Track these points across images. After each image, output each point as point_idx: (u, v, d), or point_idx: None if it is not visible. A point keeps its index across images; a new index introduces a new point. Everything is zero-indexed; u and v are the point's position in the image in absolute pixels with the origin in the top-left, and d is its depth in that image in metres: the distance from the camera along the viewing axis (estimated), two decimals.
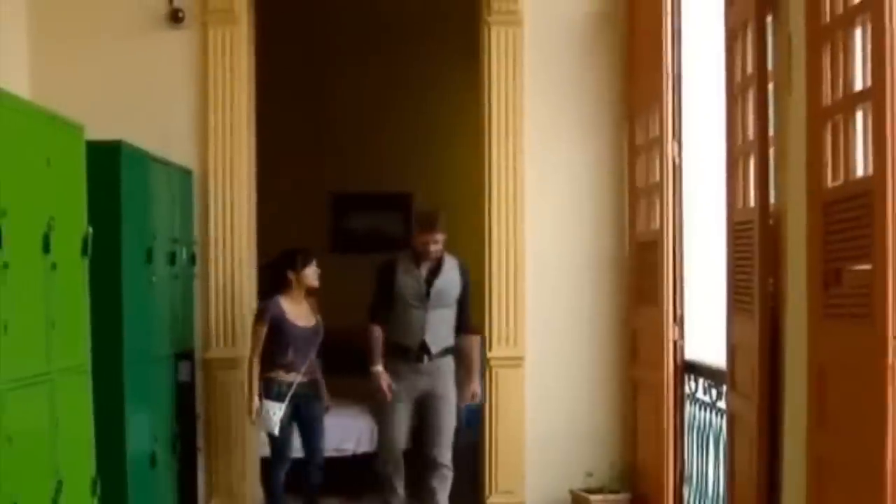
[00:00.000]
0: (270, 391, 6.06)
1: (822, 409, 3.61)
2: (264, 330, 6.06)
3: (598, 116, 6.58)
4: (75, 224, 4.39)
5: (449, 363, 6.12)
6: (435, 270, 6.09)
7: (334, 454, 7.10)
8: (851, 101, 3.33)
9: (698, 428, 5.80)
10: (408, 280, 6.07)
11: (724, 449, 5.03)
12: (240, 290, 6.49)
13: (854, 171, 3.34)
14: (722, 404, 5.17)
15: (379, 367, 6.03)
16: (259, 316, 6.15)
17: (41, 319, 4.03)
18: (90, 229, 4.49)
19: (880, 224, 3.08)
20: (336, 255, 9.49)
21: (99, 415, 4.60)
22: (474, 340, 6.24)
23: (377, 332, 6.09)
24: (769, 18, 4.13)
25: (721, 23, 4.73)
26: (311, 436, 6.34)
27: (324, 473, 6.40)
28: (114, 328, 4.99)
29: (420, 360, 6.02)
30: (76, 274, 4.41)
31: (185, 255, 6.17)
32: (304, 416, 6.27)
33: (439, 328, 6.07)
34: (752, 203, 4.28)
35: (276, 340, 6.08)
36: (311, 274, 6.25)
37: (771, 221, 4.15)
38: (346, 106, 9.32)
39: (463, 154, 8.13)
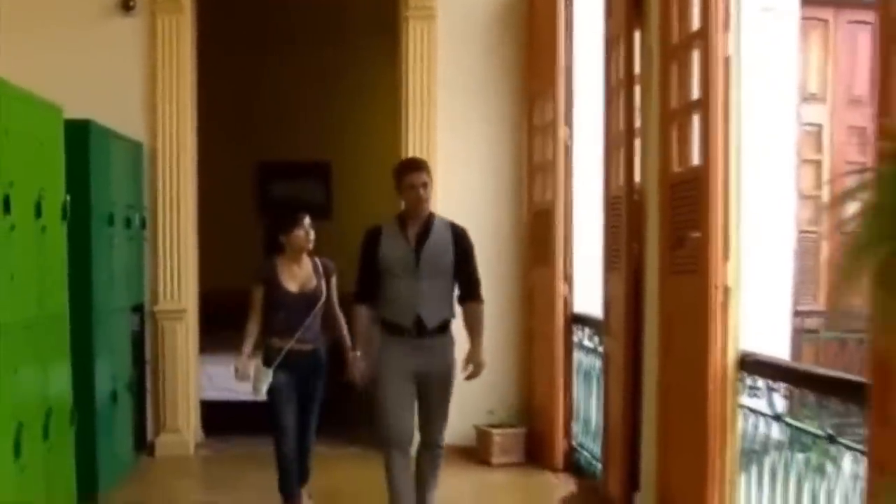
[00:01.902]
0: (265, 356, 5.72)
1: (668, 346, 4.61)
2: (259, 293, 5.73)
3: (502, 101, 7.47)
4: (56, 193, 5.17)
5: (448, 338, 5.36)
6: (424, 235, 5.29)
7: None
8: (689, 106, 4.31)
9: (584, 371, 6.73)
10: (394, 247, 5.29)
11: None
12: (185, 251, 7.29)
13: (691, 160, 4.32)
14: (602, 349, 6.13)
15: (357, 353, 5.46)
16: (253, 278, 5.82)
17: (35, 273, 4.83)
18: (68, 197, 5.29)
19: (706, 202, 4.07)
20: (261, 220, 10.37)
21: (73, 357, 5.42)
22: (478, 307, 5.45)
23: (362, 313, 5.40)
24: (637, 33, 5.07)
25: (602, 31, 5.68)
26: (303, 415, 5.83)
27: (310, 458, 5.94)
28: (84, 283, 5.75)
29: (416, 337, 5.25)
30: (57, 235, 5.19)
31: (137, 220, 6.93)
32: (300, 391, 5.76)
33: (434, 300, 5.28)
34: (621, 182, 5.25)
35: (269, 304, 5.73)
36: (302, 236, 5.72)
37: (636, 197, 5.11)
38: (272, 83, 10.00)
39: (378, 127, 8.99)
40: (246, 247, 9.45)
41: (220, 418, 7.72)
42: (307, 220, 5.79)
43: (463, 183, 7.35)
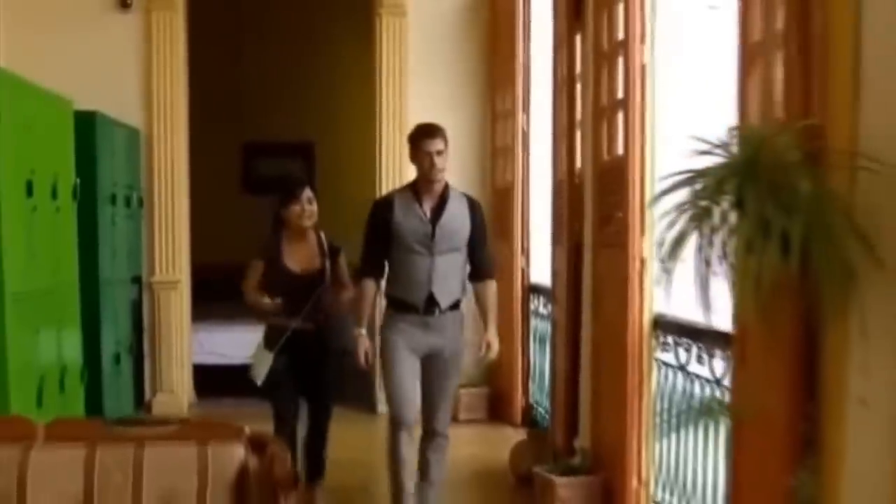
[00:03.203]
0: (266, 337, 5.52)
1: (599, 310, 5.36)
2: (258, 265, 5.50)
3: (467, 90, 8.19)
4: (67, 177, 5.87)
5: (459, 317, 5.12)
6: (439, 207, 5.00)
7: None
8: (615, 104, 5.03)
9: (540, 336, 7.46)
10: (409, 219, 4.97)
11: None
12: (178, 227, 8.01)
13: (617, 150, 5.05)
14: None
15: (362, 331, 5.10)
16: (256, 254, 5.61)
17: (51, 247, 5.54)
18: (77, 180, 5.99)
19: (626, 186, 4.81)
20: (247, 197, 11.13)
21: (82, 322, 6.13)
22: (491, 286, 5.24)
23: (369, 290, 5.10)
24: (578, 38, 5.78)
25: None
26: (313, 404, 5.60)
27: (324, 452, 5.69)
28: (91, 256, 6.46)
29: (426, 315, 4.99)
30: (69, 215, 5.89)
31: (135, 199, 7.63)
32: (306, 376, 5.50)
33: (448, 277, 5.01)
34: (564, 168, 5.98)
35: (269, 284, 5.45)
36: (297, 211, 5.41)
37: (576, 181, 5.83)
38: (257, 69, 10.72)
39: (358, 109, 9.64)
40: (232, 223, 10.27)
41: (211, 381, 8.42)
42: (306, 194, 5.46)
43: None
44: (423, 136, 5.02)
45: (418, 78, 8.11)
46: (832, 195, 2.52)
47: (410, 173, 7.80)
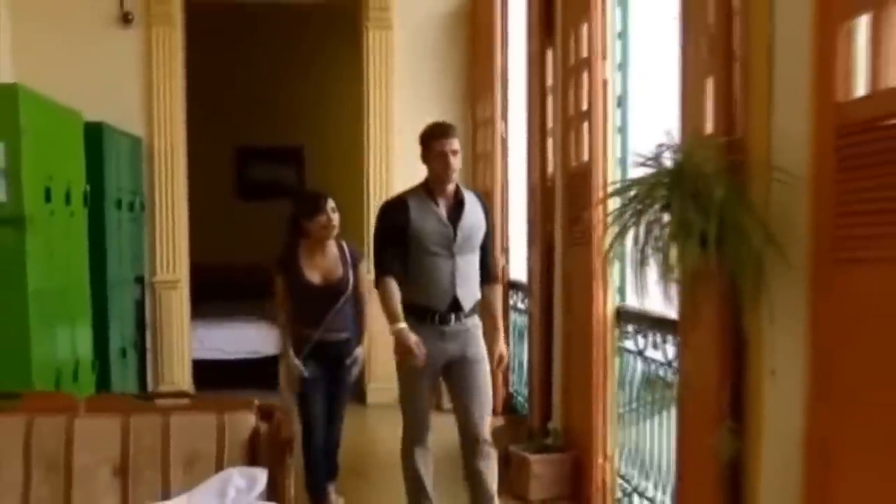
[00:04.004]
0: (294, 345, 5.42)
1: (568, 303, 5.87)
2: (281, 283, 5.46)
3: (449, 97, 8.69)
4: (79, 183, 6.35)
5: (478, 320, 4.90)
6: (458, 206, 4.79)
7: (254, 356, 9.25)
8: (581, 115, 5.54)
9: (519, 329, 7.95)
10: (427, 221, 4.72)
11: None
12: (178, 229, 8.47)
13: (583, 157, 5.56)
14: None
15: (402, 324, 4.66)
16: (273, 268, 5.55)
17: (65, 249, 6.02)
18: (88, 186, 6.47)
19: (590, 189, 5.32)
20: (240, 202, 11.66)
21: (92, 318, 6.61)
22: (499, 290, 5.10)
23: (392, 286, 4.69)
24: (549, 53, 6.28)
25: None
26: (331, 407, 5.57)
27: (338, 452, 5.70)
28: (100, 258, 6.93)
29: (450, 321, 4.73)
30: (80, 219, 6.37)
31: (138, 203, 8.11)
32: (329, 382, 5.51)
33: (470, 279, 4.81)
34: (538, 173, 6.48)
35: (291, 295, 5.45)
36: (324, 221, 5.36)
37: (548, 185, 6.34)
38: (250, 76, 11.21)
39: (346, 115, 10.13)
40: (227, 226, 10.80)
41: (209, 375, 8.89)
42: (330, 204, 5.40)
43: (418, 168, 8.50)
44: (437, 136, 4.78)
45: (403, 86, 8.62)
46: (743, 201, 3.03)
47: (397, 177, 8.48)
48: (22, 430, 3.16)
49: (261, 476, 3.07)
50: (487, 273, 4.95)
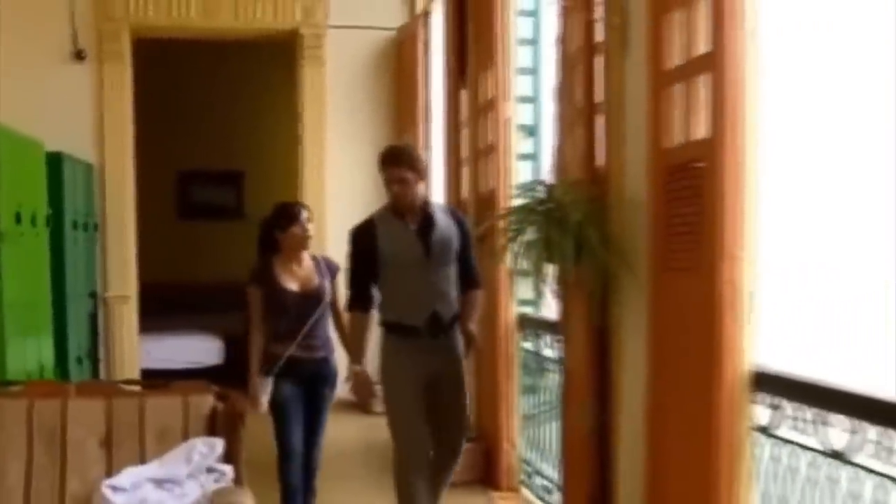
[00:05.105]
0: (265, 365, 5.20)
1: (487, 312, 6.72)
2: (257, 294, 5.25)
3: (378, 127, 9.51)
4: (42, 207, 7.06)
5: (457, 332, 4.90)
6: (428, 221, 4.77)
7: (197, 366, 9.99)
8: (488, 148, 6.40)
9: None
10: (396, 239, 4.73)
11: None
12: (127, 249, 9.15)
13: (489, 185, 6.40)
14: None
15: (357, 367, 4.75)
16: (248, 281, 5.35)
17: (32, 266, 6.74)
18: (50, 210, 7.19)
19: (494, 214, 6.17)
20: (182, 222, 12.42)
21: (53, 329, 7.33)
22: (479, 295, 5.10)
23: (359, 322, 4.78)
24: (463, 92, 7.14)
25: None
26: (309, 429, 5.29)
27: (316, 477, 5.39)
28: (60, 274, 7.61)
29: (431, 337, 4.74)
30: (43, 239, 7.09)
31: (91, 225, 8.82)
32: (308, 404, 5.26)
33: (447, 293, 4.81)
34: (454, 198, 7.33)
35: (269, 307, 5.23)
36: (299, 233, 5.23)
37: (463, 207, 7.16)
38: (193, 105, 11.95)
39: (283, 141, 10.93)
40: (169, 245, 11.55)
41: None
42: (304, 215, 5.31)
43: (349, 190, 9.23)
44: (384, 163, 4.78)
45: (336, 117, 9.45)
46: (595, 224, 3.91)
47: (331, 200, 9.31)
48: (25, 411, 3.93)
49: (218, 444, 3.90)
50: (470, 280, 4.97)
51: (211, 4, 9.18)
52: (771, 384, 3.33)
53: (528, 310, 6.22)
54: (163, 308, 10.68)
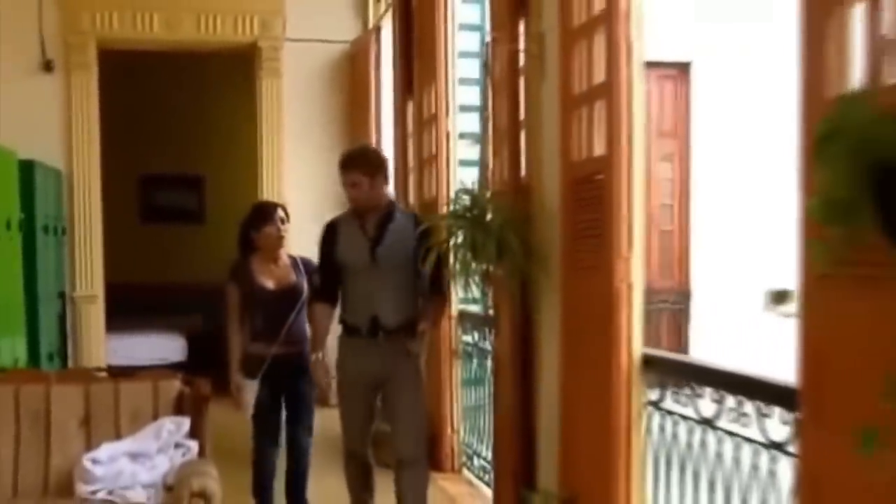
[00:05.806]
0: (246, 367, 5.32)
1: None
2: (234, 293, 5.41)
3: (333, 135, 9.96)
4: (15, 213, 7.55)
5: (406, 338, 4.96)
6: (382, 226, 4.95)
7: (161, 363, 10.44)
8: (431, 159, 6.96)
9: None
10: (350, 241, 4.96)
11: None
12: (94, 251, 9.59)
13: (433, 192, 6.97)
14: None
15: (316, 356, 5.01)
16: (228, 278, 5.47)
17: (6, 268, 7.23)
18: (22, 215, 7.68)
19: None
20: (145, 225, 12.90)
21: (26, 329, 7.81)
22: (440, 301, 5.21)
23: (318, 312, 5.05)
24: (410, 105, 7.68)
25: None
26: (294, 429, 5.51)
27: (306, 482, 5.62)
28: (31, 276, 8.11)
29: (371, 337, 4.89)
30: (17, 242, 7.57)
31: (60, 228, 9.29)
32: (289, 400, 5.46)
33: (394, 297, 4.93)
34: (403, 203, 7.87)
35: (247, 306, 5.39)
36: (273, 233, 5.39)
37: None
38: (155, 112, 12.45)
39: (244, 147, 11.36)
40: (132, 247, 12.01)
41: None
42: (279, 214, 5.47)
43: (307, 194, 9.67)
44: (341, 167, 5.00)
45: (292, 125, 9.95)
46: (513, 228, 4.48)
47: (289, 205, 9.58)
48: (12, 396, 4.47)
49: (185, 422, 4.47)
50: (435, 286, 5.01)
51: (173, 18, 9.68)
52: (658, 365, 3.94)
53: (473, 307, 6.79)
54: (128, 307, 11.13)
